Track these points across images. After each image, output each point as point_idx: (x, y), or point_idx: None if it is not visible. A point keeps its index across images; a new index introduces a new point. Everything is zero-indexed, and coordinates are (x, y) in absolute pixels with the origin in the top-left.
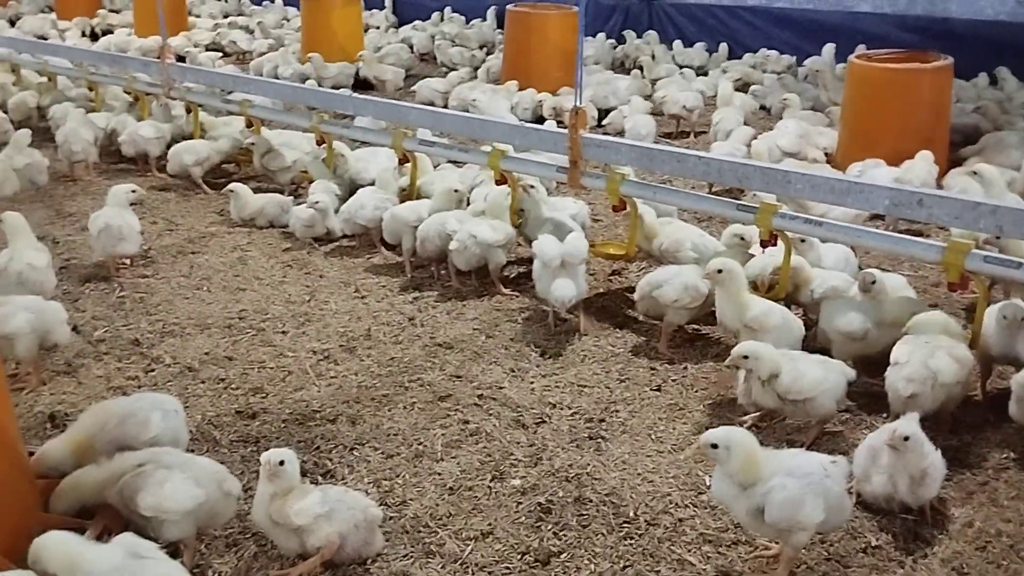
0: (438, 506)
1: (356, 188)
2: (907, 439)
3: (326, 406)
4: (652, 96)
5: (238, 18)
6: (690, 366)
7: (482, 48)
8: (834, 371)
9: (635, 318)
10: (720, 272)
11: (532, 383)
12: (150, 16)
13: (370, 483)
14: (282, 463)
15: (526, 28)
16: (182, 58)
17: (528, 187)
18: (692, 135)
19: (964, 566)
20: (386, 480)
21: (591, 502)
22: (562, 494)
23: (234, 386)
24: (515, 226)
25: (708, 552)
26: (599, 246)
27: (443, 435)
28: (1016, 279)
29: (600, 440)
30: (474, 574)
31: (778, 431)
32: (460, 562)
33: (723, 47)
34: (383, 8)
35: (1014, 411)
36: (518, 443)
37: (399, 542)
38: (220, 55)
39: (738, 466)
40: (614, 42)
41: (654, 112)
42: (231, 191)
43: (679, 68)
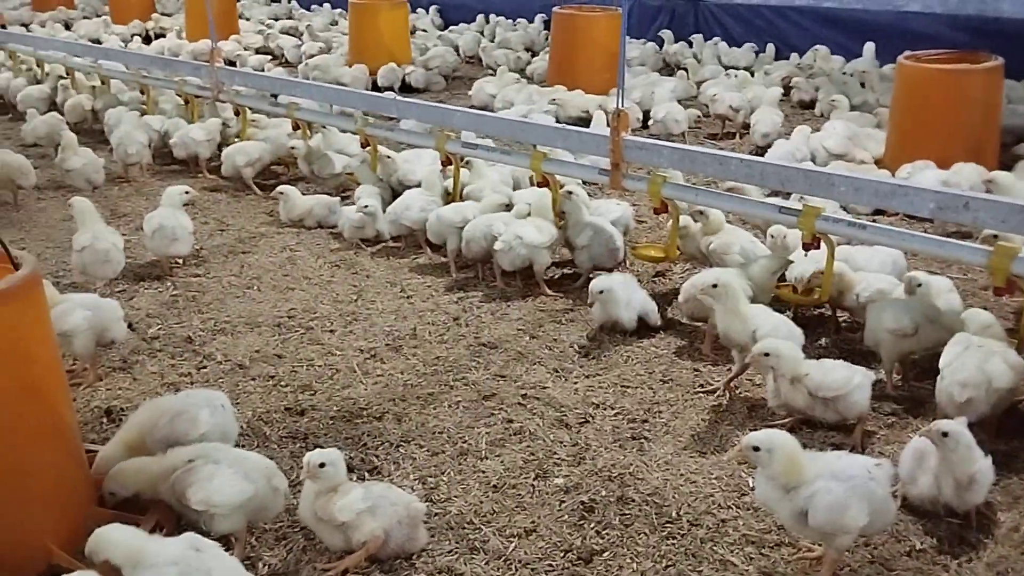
0: (482, 503)
1: (404, 190)
2: (945, 435)
3: (373, 404)
4: (697, 97)
5: (287, 21)
6: (733, 368)
7: (527, 51)
8: (858, 371)
9: (679, 320)
10: (715, 287)
11: (575, 383)
12: (200, 20)
13: (415, 480)
14: (322, 465)
15: (573, 30)
16: (232, 62)
17: (568, 192)
18: (738, 136)
19: (1009, 571)
20: (431, 477)
21: (634, 502)
22: (605, 493)
23: (283, 383)
24: (558, 228)
25: (751, 553)
26: (640, 249)
27: (487, 434)
28: None
29: (643, 440)
30: (517, 571)
31: (820, 434)
32: (504, 559)
33: (770, 48)
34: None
35: None
36: (561, 442)
37: (444, 538)
38: (269, 58)
39: (780, 469)
40: (656, 45)
41: (699, 113)
42: (280, 193)
43: (724, 69)
